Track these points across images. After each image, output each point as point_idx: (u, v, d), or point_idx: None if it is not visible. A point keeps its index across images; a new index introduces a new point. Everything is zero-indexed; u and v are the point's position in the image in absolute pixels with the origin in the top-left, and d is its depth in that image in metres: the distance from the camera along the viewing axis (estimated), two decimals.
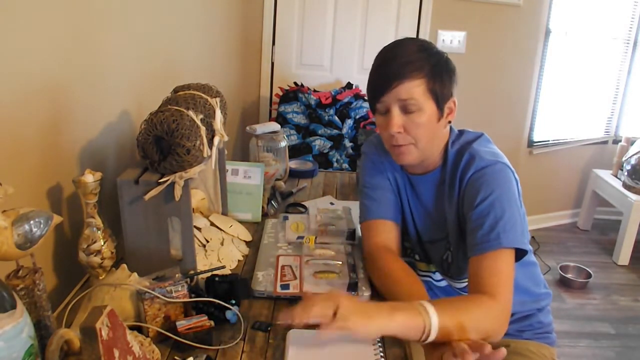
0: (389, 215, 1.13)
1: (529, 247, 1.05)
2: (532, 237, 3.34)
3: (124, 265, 0.92)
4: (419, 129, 0.99)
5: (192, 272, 0.99)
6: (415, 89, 0.96)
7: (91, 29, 1.10)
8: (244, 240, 1.27)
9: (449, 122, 1.05)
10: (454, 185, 1.04)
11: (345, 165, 2.58)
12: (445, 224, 1.09)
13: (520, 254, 0.96)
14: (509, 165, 1.01)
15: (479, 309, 0.87)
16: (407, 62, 0.96)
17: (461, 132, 1.10)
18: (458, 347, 0.77)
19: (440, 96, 0.99)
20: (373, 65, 1.03)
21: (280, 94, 2.75)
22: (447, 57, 1.02)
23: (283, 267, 1.08)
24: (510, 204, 0.96)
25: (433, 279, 1.22)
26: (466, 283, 1.13)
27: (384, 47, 1.03)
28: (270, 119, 2.97)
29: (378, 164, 1.16)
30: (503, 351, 0.77)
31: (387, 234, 1.11)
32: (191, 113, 0.98)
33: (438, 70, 0.98)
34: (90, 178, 0.95)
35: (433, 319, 0.80)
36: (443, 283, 1.21)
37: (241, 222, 1.34)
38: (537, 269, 1.21)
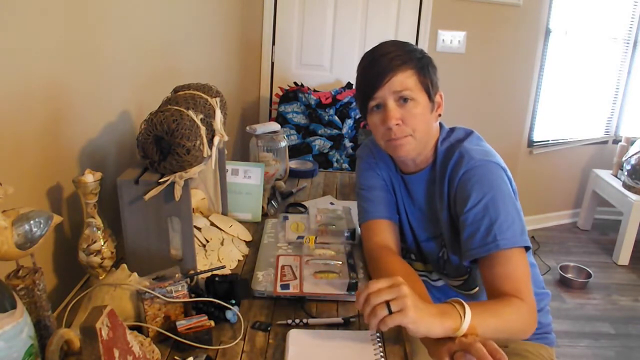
0: (386, 215, 1.14)
1: (529, 245, 1.05)
2: (532, 237, 3.34)
3: (124, 265, 0.92)
4: (416, 119, 1.01)
5: (192, 272, 0.99)
6: (407, 80, 0.99)
7: (91, 29, 1.10)
8: (244, 240, 1.27)
9: (439, 115, 1.08)
10: (444, 184, 1.04)
11: (345, 165, 2.58)
12: (439, 222, 1.09)
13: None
14: (499, 163, 1.01)
15: (509, 309, 0.87)
16: (395, 56, 1.00)
17: (452, 130, 1.11)
18: (474, 348, 0.74)
19: (430, 88, 1.02)
20: (360, 70, 1.06)
21: (280, 94, 2.75)
22: (426, 53, 1.06)
23: (283, 267, 1.08)
24: (505, 204, 0.96)
25: (430, 279, 1.22)
26: (462, 281, 1.14)
27: (367, 52, 1.06)
28: (270, 119, 2.97)
29: (372, 165, 1.18)
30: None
31: (386, 232, 1.12)
32: (191, 113, 0.98)
33: (424, 63, 1.02)
34: (90, 178, 0.95)
35: (465, 323, 0.79)
36: (440, 283, 1.21)
37: (241, 222, 1.34)
38: (536, 270, 1.21)
